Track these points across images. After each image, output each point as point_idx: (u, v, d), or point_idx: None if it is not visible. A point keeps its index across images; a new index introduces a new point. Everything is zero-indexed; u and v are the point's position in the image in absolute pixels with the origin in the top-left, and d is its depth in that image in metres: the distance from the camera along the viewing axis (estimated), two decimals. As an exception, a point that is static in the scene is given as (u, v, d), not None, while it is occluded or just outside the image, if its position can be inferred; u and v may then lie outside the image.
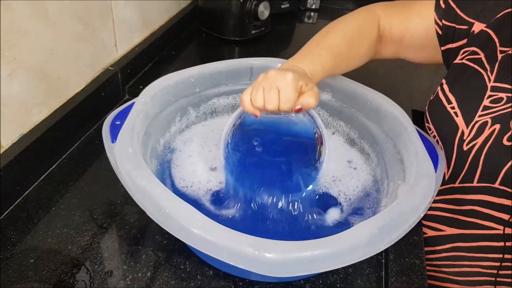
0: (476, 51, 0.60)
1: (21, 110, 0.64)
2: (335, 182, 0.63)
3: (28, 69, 0.63)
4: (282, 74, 0.50)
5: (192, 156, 0.65)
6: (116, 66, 0.85)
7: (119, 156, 0.49)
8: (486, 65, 0.58)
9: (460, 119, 0.59)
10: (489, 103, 0.57)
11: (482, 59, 0.59)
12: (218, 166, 0.64)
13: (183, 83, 0.65)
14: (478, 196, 0.59)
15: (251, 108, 0.52)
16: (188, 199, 0.59)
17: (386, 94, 0.65)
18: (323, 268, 0.41)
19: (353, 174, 0.65)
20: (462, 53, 0.62)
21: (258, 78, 0.52)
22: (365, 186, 0.63)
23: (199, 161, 0.65)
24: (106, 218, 0.61)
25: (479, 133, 0.57)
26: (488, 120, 0.56)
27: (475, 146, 0.57)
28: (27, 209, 0.62)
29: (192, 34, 1.18)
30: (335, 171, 0.65)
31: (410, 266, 0.57)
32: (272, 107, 0.50)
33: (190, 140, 0.68)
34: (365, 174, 0.65)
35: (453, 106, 0.60)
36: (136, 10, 0.92)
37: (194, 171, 0.63)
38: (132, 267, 0.55)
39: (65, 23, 0.70)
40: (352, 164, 0.67)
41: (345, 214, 0.59)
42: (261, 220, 0.56)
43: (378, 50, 0.70)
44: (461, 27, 0.61)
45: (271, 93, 0.50)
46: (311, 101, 0.50)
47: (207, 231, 0.41)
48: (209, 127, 0.72)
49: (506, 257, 0.61)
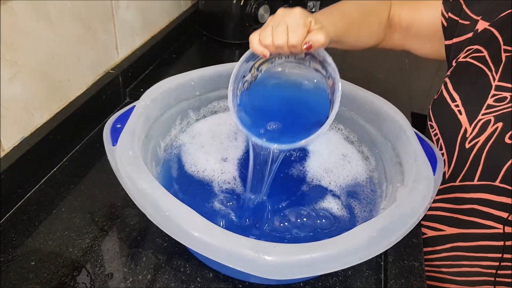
0: (480, 49, 0.60)
1: (22, 113, 0.64)
2: (327, 173, 0.64)
3: (30, 73, 0.64)
4: (290, 10, 0.50)
5: (204, 147, 0.66)
6: (117, 69, 0.86)
7: (120, 159, 0.49)
8: (490, 64, 0.59)
9: (464, 117, 0.59)
10: (493, 101, 0.58)
11: (486, 57, 0.59)
12: (230, 157, 0.65)
13: (183, 86, 0.65)
14: (478, 195, 0.60)
15: (259, 48, 0.51)
16: (200, 182, 0.61)
17: (386, 97, 0.65)
18: (322, 271, 0.41)
19: (345, 166, 0.66)
20: (465, 51, 0.63)
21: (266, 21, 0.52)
22: (357, 177, 0.64)
23: (212, 151, 0.66)
24: (106, 220, 0.62)
25: (481, 131, 0.58)
26: (491, 119, 0.57)
27: (477, 144, 0.58)
28: (28, 211, 0.62)
29: (193, 37, 1.18)
30: (327, 162, 0.66)
31: (409, 268, 0.57)
32: (280, 42, 0.49)
33: (199, 134, 0.69)
34: (360, 168, 0.66)
35: (457, 104, 0.61)
36: (137, 13, 0.92)
37: (207, 160, 0.64)
38: (132, 270, 0.55)
39: (67, 27, 0.70)
40: (347, 158, 0.68)
41: (341, 202, 0.60)
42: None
43: (386, 37, 0.70)
44: (463, 22, 0.62)
45: (279, 29, 0.49)
46: (320, 37, 0.49)
47: (207, 234, 0.41)
48: (212, 122, 0.72)
49: (505, 257, 0.61)
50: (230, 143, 0.68)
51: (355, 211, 0.60)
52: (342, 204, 0.60)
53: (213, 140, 0.68)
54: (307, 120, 0.56)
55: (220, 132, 0.70)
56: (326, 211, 0.59)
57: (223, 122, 0.72)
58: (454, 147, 0.61)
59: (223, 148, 0.67)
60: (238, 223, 0.56)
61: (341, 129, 0.71)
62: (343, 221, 0.58)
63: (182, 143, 0.67)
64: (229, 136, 0.69)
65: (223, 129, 0.71)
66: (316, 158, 0.67)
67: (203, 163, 0.64)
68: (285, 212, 0.58)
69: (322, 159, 0.67)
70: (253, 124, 0.55)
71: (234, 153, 0.67)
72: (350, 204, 0.60)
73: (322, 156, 0.68)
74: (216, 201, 0.59)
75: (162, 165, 0.64)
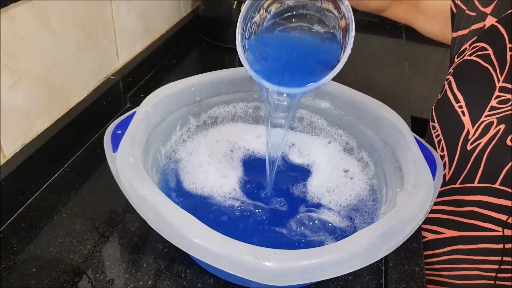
0: (485, 47, 0.60)
1: (24, 120, 0.65)
2: (329, 193, 0.64)
3: (30, 79, 0.64)
4: None
5: (202, 166, 0.66)
6: (117, 75, 0.86)
7: (120, 166, 0.49)
8: (495, 63, 0.58)
9: (467, 118, 0.59)
10: (496, 103, 0.57)
11: (491, 56, 0.59)
12: (229, 174, 0.65)
13: (184, 92, 0.66)
14: (478, 197, 0.60)
15: None
16: (199, 198, 0.61)
17: (385, 101, 0.65)
18: (322, 277, 0.41)
19: (348, 183, 0.66)
20: (471, 48, 0.62)
21: None
22: (360, 195, 0.64)
23: (210, 170, 0.66)
24: (107, 226, 0.62)
25: (484, 133, 0.57)
26: (493, 120, 0.57)
27: (478, 146, 0.58)
28: (29, 218, 0.62)
29: (193, 43, 1.19)
30: (329, 182, 0.66)
31: (410, 273, 0.57)
32: None
33: (196, 151, 0.69)
34: (362, 183, 0.66)
35: (461, 105, 0.60)
36: (138, 19, 0.93)
37: (206, 178, 0.64)
38: (133, 276, 0.55)
39: (68, 34, 0.70)
40: (349, 174, 0.68)
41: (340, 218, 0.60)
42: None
43: (392, 6, 0.69)
44: (469, 13, 0.61)
45: None
46: None
47: (207, 240, 0.41)
48: (212, 138, 0.72)
49: (505, 260, 0.61)
50: (227, 162, 0.68)
51: (355, 222, 0.60)
52: (341, 216, 0.60)
53: (211, 159, 0.68)
54: (317, 64, 0.54)
55: (218, 150, 0.70)
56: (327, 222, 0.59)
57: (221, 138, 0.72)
58: (455, 149, 0.61)
59: (222, 166, 0.67)
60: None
61: (340, 135, 0.71)
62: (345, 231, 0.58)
63: (179, 159, 0.68)
64: (226, 155, 0.70)
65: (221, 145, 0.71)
66: (317, 177, 0.67)
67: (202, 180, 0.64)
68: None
69: (324, 177, 0.67)
70: (262, 69, 0.53)
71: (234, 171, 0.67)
72: (351, 216, 0.60)
73: (324, 175, 0.68)
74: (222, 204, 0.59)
75: (162, 174, 0.64)
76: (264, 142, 0.71)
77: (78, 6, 0.71)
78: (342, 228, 0.58)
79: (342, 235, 0.57)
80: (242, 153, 0.70)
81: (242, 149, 0.71)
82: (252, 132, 0.74)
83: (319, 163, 0.69)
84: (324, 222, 0.59)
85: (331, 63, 0.51)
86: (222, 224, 0.57)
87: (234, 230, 0.57)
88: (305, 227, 0.58)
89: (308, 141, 0.74)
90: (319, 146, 0.72)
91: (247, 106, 0.74)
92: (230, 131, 0.74)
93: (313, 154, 0.71)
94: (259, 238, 0.56)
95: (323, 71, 0.51)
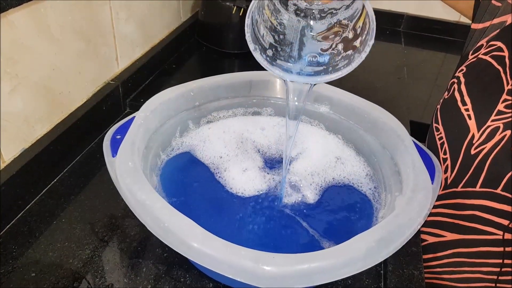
0: (502, 48, 0.58)
1: (23, 125, 0.65)
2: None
3: (30, 85, 0.64)
4: None
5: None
6: (117, 80, 0.86)
7: (120, 171, 0.49)
8: (507, 67, 0.57)
9: (473, 122, 0.58)
10: (503, 108, 0.56)
11: (506, 59, 0.57)
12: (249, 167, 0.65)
13: (183, 97, 0.66)
14: (480, 201, 0.59)
15: None
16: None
17: (384, 106, 0.66)
18: (321, 281, 0.41)
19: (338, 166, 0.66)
20: (487, 47, 0.60)
21: None
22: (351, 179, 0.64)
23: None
24: (107, 231, 0.62)
25: (489, 138, 0.57)
26: (500, 125, 0.56)
27: (482, 151, 0.57)
28: (28, 223, 0.62)
29: (192, 48, 1.19)
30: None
31: (409, 277, 0.57)
32: None
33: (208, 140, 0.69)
34: (356, 168, 0.66)
35: (467, 108, 0.59)
36: (137, 25, 0.93)
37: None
38: (132, 280, 0.55)
39: (67, 40, 0.71)
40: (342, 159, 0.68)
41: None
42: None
43: None
44: (495, 3, 0.60)
45: None
46: None
47: (207, 245, 0.41)
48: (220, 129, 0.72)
49: (506, 262, 0.61)
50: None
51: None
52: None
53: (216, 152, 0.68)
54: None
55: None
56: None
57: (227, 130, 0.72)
58: (459, 152, 0.60)
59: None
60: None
61: (339, 138, 0.71)
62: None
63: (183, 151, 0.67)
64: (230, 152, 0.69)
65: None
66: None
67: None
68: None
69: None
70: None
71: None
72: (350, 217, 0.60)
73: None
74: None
75: (161, 176, 0.64)
76: (267, 135, 0.72)
77: (77, 13, 0.72)
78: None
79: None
80: (240, 155, 0.70)
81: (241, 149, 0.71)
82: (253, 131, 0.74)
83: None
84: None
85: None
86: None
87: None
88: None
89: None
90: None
91: (246, 112, 0.74)
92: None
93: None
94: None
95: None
